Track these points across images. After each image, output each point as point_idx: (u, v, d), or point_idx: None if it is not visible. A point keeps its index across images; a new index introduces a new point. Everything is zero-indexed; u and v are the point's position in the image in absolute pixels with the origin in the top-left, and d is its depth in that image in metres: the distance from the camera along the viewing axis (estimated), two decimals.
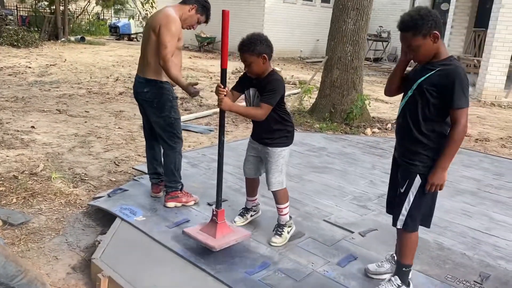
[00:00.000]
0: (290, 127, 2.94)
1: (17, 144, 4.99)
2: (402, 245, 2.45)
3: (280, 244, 2.92)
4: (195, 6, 3.25)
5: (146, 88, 3.26)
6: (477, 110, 9.24)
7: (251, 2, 17.91)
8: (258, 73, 2.77)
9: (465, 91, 2.15)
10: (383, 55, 18.36)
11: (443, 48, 2.23)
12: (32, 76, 9.66)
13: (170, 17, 3.13)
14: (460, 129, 2.17)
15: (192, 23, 3.31)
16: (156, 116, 3.31)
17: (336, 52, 6.95)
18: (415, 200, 2.33)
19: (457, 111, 2.16)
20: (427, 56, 2.23)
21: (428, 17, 2.16)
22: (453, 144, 2.20)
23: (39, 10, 21.37)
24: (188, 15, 3.25)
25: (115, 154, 4.89)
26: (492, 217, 3.63)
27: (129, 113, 6.87)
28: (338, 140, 5.84)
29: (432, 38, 2.17)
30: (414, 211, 2.35)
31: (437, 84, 2.19)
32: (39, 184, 3.93)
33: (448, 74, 2.16)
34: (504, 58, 9.86)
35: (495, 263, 2.90)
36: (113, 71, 11.19)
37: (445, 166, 2.24)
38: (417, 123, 2.27)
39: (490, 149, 6.14)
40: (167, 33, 3.08)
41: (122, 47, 17.61)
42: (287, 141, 2.94)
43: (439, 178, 2.25)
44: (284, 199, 3.00)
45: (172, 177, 3.43)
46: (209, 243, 2.71)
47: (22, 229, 3.18)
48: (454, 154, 2.22)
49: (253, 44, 2.69)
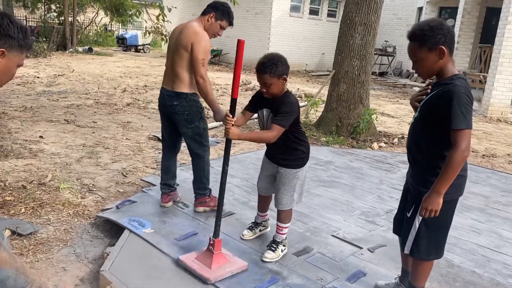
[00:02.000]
0: (305, 147, 2.89)
1: (25, 153, 5.01)
2: (413, 269, 2.40)
3: (272, 260, 2.87)
4: (213, 13, 3.31)
5: (176, 101, 3.32)
6: (483, 125, 9.23)
7: (257, 15, 18.08)
8: (275, 94, 2.74)
9: (464, 111, 2.00)
10: (389, 69, 18.43)
11: (451, 66, 2.11)
12: (41, 86, 9.75)
13: (200, 33, 3.22)
14: (458, 152, 2.00)
15: (215, 31, 3.37)
16: (186, 127, 3.38)
17: (343, 66, 6.98)
18: (421, 227, 2.23)
19: (455, 133, 2.00)
20: (430, 71, 2.14)
21: (438, 30, 2.05)
22: (450, 168, 2.02)
23: (48, 20, 21.68)
24: (209, 24, 3.32)
25: (123, 165, 4.90)
26: (501, 234, 3.61)
27: (136, 124, 6.91)
28: (345, 154, 5.84)
29: (438, 53, 2.06)
30: (421, 239, 2.24)
31: (435, 106, 2.09)
32: (47, 194, 3.94)
33: (444, 93, 2.04)
34: (510, 74, 9.88)
35: (505, 281, 2.87)
36: (120, 82, 11.27)
37: (441, 191, 2.07)
38: (423, 147, 2.19)
39: (498, 165, 6.12)
40: (201, 50, 3.19)
41: (130, 58, 17.77)
42: (302, 162, 2.89)
43: (433, 203, 2.09)
44: (287, 218, 2.97)
45: (201, 184, 3.54)
46: (204, 274, 2.61)
47: (30, 240, 3.18)
48: (452, 179, 2.05)
49: (274, 65, 2.64)
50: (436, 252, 2.33)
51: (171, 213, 3.50)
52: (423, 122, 2.18)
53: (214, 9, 3.31)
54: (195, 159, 3.50)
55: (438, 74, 2.15)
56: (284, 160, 2.86)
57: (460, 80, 2.08)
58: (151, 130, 6.54)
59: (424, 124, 2.17)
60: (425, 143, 2.19)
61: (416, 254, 2.30)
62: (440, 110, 2.05)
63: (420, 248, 2.27)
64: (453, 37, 2.12)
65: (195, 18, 3.39)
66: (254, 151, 5.62)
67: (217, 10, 3.31)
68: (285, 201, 2.90)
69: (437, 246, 2.31)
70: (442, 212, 2.14)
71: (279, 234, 2.97)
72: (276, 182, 2.94)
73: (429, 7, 16.98)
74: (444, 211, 2.15)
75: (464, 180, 2.22)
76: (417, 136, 2.23)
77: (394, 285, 2.63)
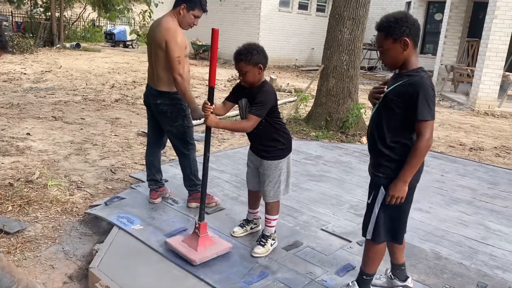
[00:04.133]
0: (284, 138, 2.90)
1: (12, 151, 4.96)
2: (366, 254, 2.45)
3: (262, 255, 2.89)
4: (183, 5, 3.22)
5: (159, 99, 3.30)
6: (471, 119, 9.32)
7: (246, 10, 18.01)
8: (252, 83, 2.77)
9: (430, 103, 2.11)
10: (377, 64, 18.51)
11: (414, 58, 2.20)
12: (27, 83, 9.63)
13: (171, 29, 3.15)
14: (423, 142, 2.12)
15: (190, 22, 3.29)
16: (170, 126, 3.36)
17: (332, 61, 6.99)
18: (380, 212, 2.31)
19: (421, 123, 2.11)
20: (394, 62, 2.22)
21: (403, 22, 2.14)
22: (416, 156, 2.15)
23: (35, 16, 21.37)
24: (182, 17, 3.24)
25: (112, 161, 4.87)
26: (488, 226, 3.66)
27: (125, 120, 6.86)
28: (334, 148, 5.86)
29: (402, 44, 2.15)
30: (379, 224, 2.32)
31: (401, 95, 2.16)
32: (35, 192, 3.90)
33: (412, 85, 2.13)
34: (497, 68, 9.98)
35: (492, 272, 2.91)
36: (108, 78, 11.17)
37: (406, 179, 2.19)
38: (382, 135, 2.26)
39: (485, 158, 6.19)
40: (175, 47, 3.11)
41: (118, 54, 17.61)
42: (283, 153, 2.91)
43: (399, 190, 2.20)
44: (275, 210, 2.99)
45: (190, 181, 3.54)
46: (190, 256, 2.73)
47: (18, 238, 3.15)
48: (417, 167, 2.18)
49: (250, 53, 2.70)
50: (394, 237, 2.39)
51: (160, 209, 3.49)
52: (384, 111, 2.25)
53: (184, 1, 3.22)
54: (181, 158, 3.50)
55: (402, 66, 2.22)
56: (265, 152, 2.88)
57: (425, 73, 2.18)
58: (140, 126, 6.50)
59: (385, 113, 2.24)
60: (384, 131, 2.25)
61: (374, 238, 2.37)
62: (406, 100, 2.14)
63: (377, 232, 2.34)
64: (417, 30, 2.18)
65: (168, 12, 3.31)
66: (244, 147, 5.62)
67: (187, 0, 3.22)
68: (272, 194, 2.92)
69: (396, 231, 2.38)
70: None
71: (267, 227, 2.99)
72: (261, 175, 2.97)
73: (417, 2, 17.06)
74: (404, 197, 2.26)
75: (422, 167, 2.31)
76: (376, 126, 2.30)
77: (385, 278, 2.66)
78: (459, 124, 8.68)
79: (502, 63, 10.02)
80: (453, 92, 12.51)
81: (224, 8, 18.50)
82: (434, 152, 6.03)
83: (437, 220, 3.70)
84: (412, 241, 3.24)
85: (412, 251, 3.10)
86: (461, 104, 10.84)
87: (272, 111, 2.79)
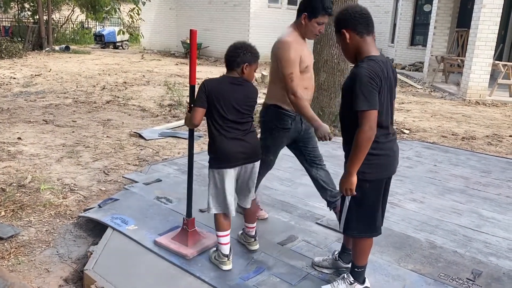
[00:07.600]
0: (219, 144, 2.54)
1: (3, 156, 4.92)
2: (354, 249, 2.45)
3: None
4: (304, 14, 2.93)
5: (264, 111, 3.14)
6: (462, 109, 9.37)
7: (236, 7, 17.96)
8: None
9: (365, 92, 2.03)
10: None
11: (365, 49, 2.18)
12: (17, 87, 9.56)
13: (280, 43, 2.91)
14: (360, 133, 2.05)
15: (315, 31, 2.96)
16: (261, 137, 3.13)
17: (322, 55, 6.99)
18: (351, 205, 2.29)
19: (358, 114, 2.06)
20: (348, 53, 2.25)
21: (342, 15, 2.20)
22: (356, 148, 2.08)
23: (22, 20, 21.20)
24: (305, 27, 2.95)
25: (104, 163, 4.85)
26: (481, 214, 3.68)
27: (117, 121, 6.82)
28: (328, 142, 5.85)
29: (343, 36, 2.19)
30: (350, 217, 2.31)
31: (345, 88, 2.19)
32: (27, 196, 3.87)
33: (350, 76, 2.13)
34: (487, 57, 10.03)
35: (486, 259, 2.93)
36: (99, 80, 11.11)
37: (351, 171, 2.13)
38: (346, 128, 2.27)
39: (477, 147, 6.22)
40: (286, 63, 2.84)
41: (108, 56, 17.52)
42: (213, 163, 2.59)
43: (346, 183, 2.16)
44: (216, 226, 2.68)
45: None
46: (182, 251, 2.78)
47: (11, 242, 3.13)
48: (360, 158, 2.10)
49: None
50: (368, 230, 2.34)
51: (154, 209, 3.48)
52: (344, 106, 2.26)
53: (304, 9, 2.93)
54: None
55: (357, 57, 2.23)
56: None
57: (369, 62, 2.12)
58: (132, 127, 6.47)
59: (345, 107, 2.24)
60: (346, 122, 2.27)
61: (347, 232, 2.38)
62: (349, 92, 2.13)
63: (350, 226, 2.34)
64: (359, 20, 2.18)
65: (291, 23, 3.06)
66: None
67: (306, 8, 2.93)
68: (207, 203, 2.69)
69: (367, 224, 2.33)
70: (365, 191, 2.21)
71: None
72: None
73: None
74: (368, 190, 2.22)
75: (389, 160, 2.26)
76: (341, 116, 2.32)
77: (331, 260, 2.68)
78: (450, 114, 8.73)
79: (491, 52, 10.07)
80: (444, 82, 12.56)
81: (214, 6, 18.45)
82: (426, 142, 6.06)
83: (431, 209, 3.72)
84: (406, 231, 3.26)
85: (407, 241, 3.11)
86: (453, 94, 10.89)
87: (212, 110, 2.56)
